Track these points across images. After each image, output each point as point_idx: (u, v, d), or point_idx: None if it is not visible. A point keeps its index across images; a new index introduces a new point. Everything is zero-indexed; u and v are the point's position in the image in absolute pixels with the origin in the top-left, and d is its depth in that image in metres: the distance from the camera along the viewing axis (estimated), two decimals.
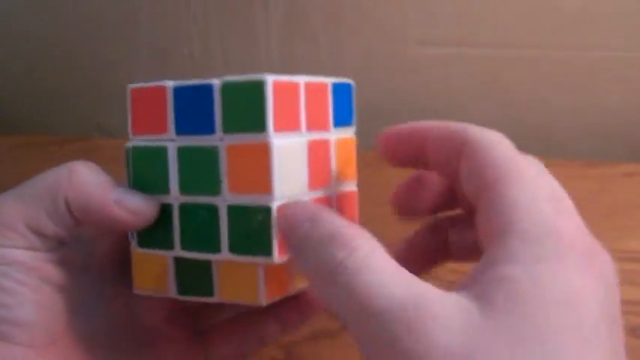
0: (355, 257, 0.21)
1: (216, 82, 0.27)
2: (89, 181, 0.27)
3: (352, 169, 0.30)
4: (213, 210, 0.27)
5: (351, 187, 0.30)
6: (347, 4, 0.69)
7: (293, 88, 0.27)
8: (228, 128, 0.26)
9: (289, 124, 0.26)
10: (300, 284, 0.29)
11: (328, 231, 0.23)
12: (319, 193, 0.28)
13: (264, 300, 0.27)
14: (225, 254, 0.26)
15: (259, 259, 0.26)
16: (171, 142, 0.27)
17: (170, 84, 0.28)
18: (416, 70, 0.69)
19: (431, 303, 0.20)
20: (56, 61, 0.78)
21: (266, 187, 0.25)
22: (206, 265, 0.27)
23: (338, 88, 0.29)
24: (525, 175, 0.23)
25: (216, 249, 0.27)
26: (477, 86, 0.68)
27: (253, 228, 0.26)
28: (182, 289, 0.28)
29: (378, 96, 0.69)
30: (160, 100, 0.28)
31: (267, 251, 0.25)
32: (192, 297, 0.28)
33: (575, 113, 0.67)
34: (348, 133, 0.30)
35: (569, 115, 0.67)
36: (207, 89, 0.27)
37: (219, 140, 0.26)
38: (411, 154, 0.27)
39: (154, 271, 0.29)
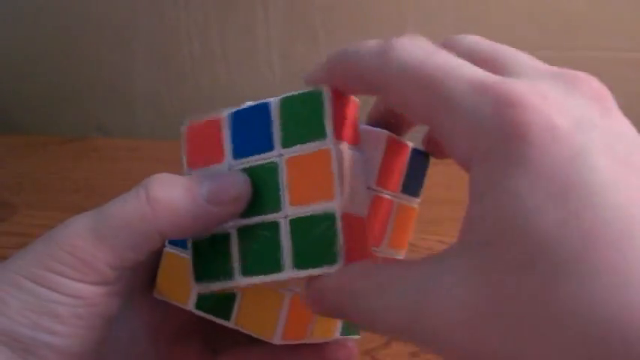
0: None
1: (273, 100, 0.26)
2: (174, 203, 0.25)
3: (405, 239, 0.29)
4: (273, 227, 0.26)
5: (399, 254, 0.29)
6: (347, 4, 0.69)
7: (351, 101, 0.26)
8: (287, 142, 0.25)
9: (349, 134, 0.26)
10: (318, 335, 0.29)
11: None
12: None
13: (279, 339, 0.27)
14: (288, 272, 0.25)
15: (324, 269, 0.25)
16: (228, 168, 0.27)
17: (224, 113, 0.27)
18: None
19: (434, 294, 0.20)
20: (56, 61, 0.78)
21: (329, 193, 0.25)
22: (232, 293, 0.27)
23: (416, 155, 0.28)
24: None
25: (278, 268, 0.25)
26: None
27: (316, 237, 0.25)
28: (200, 305, 0.28)
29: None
30: (215, 132, 0.27)
31: (333, 258, 0.24)
32: (207, 315, 0.28)
33: None
34: (413, 204, 0.29)
35: None
36: (264, 108, 0.26)
37: (278, 156, 0.26)
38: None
39: (179, 280, 0.28)
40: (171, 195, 0.25)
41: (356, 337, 0.30)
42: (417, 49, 0.22)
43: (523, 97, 0.19)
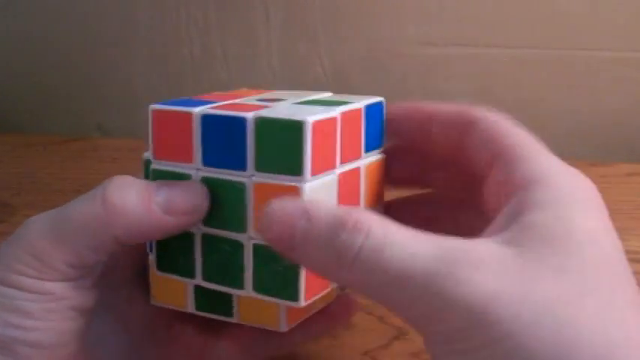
0: (374, 236, 0.21)
1: (249, 116, 0.25)
2: (128, 209, 0.25)
3: (380, 191, 0.29)
4: (237, 246, 0.25)
5: (377, 210, 0.29)
6: (347, 5, 0.69)
7: (331, 124, 0.25)
8: (261, 167, 0.25)
9: (325, 165, 0.25)
10: (320, 304, 0.29)
11: (333, 219, 0.22)
12: None
13: (285, 327, 0.27)
14: (248, 291, 0.25)
15: (285, 302, 0.25)
16: (196, 171, 0.26)
17: (196, 111, 0.26)
18: (416, 70, 0.69)
19: (467, 252, 0.21)
20: (56, 61, 0.78)
21: None
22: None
23: (370, 111, 0.28)
24: (534, 141, 0.26)
25: (239, 285, 0.26)
26: (477, 86, 0.68)
27: (280, 270, 0.24)
28: (200, 306, 0.28)
29: (377, 96, 0.69)
30: (186, 127, 0.26)
31: (295, 296, 0.24)
32: (211, 314, 0.28)
33: (575, 113, 0.67)
34: (377, 155, 0.29)
35: (568, 115, 0.67)
36: (240, 123, 0.25)
37: (249, 177, 0.25)
38: (415, 128, 0.28)
39: (173, 287, 0.28)
40: (126, 200, 0.25)
41: None
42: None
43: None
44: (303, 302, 0.24)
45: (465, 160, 0.27)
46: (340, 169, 0.26)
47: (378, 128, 0.29)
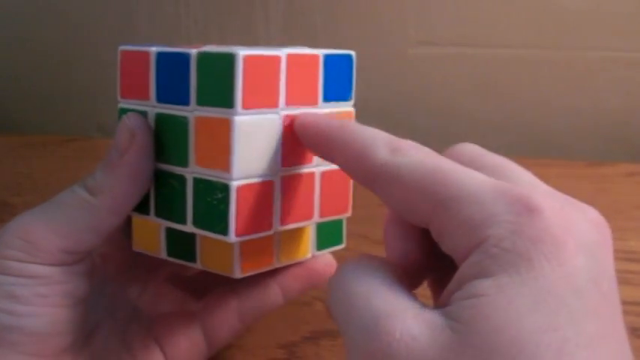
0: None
1: (193, 52, 0.26)
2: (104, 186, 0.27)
3: None
4: (182, 181, 0.26)
5: None
6: (347, 4, 0.69)
7: (272, 62, 0.26)
8: (202, 101, 0.26)
9: (264, 101, 0.25)
10: (286, 259, 0.29)
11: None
12: (298, 170, 0.27)
13: (238, 273, 0.27)
14: (190, 227, 0.26)
15: (217, 236, 0.26)
16: (152, 108, 0.27)
17: (153, 50, 0.27)
18: (416, 70, 0.69)
19: (400, 320, 0.20)
20: (56, 61, 0.78)
21: (226, 165, 0.25)
22: (191, 233, 0.27)
23: (332, 60, 0.28)
24: (477, 191, 0.21)
25: (183, 220, 0.27)
26: (477, 86, 0.68)
27: (213, 204, 0.25)
28: (170, 251, 0.29)
29: (377, 96, 0.69)
30: (145, 66, 0.27)
31: (224, 230, 0.25)
32: (179, 260, 0.29)
33: (575, 113, 0.67)
34: (345, 108, 0.29)
35: (569, 115, 0.67)
36: (185, 58, 0.26)
37: (191, 112, 0.26)
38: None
39: (149, 233, 0.29)
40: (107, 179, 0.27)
41: (340, 246, 0.31)
42: (426, 152, 0.23)
43: (541, 203, 0.20)
44: (232, 237, 0.25)
45: None
46: (286, 111, 0.26)
47: (345, 80, 0.29)
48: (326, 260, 0.31)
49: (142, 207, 0.28)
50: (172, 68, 0.26)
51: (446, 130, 0.68)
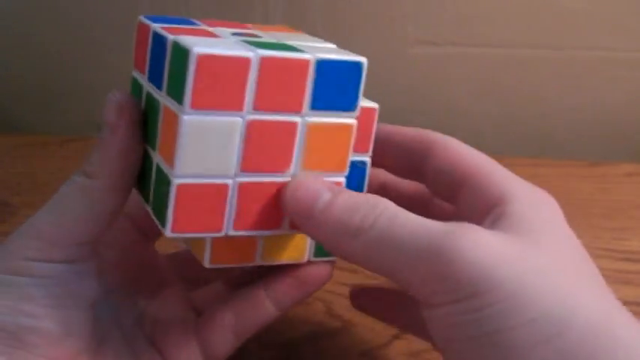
0: (388, 212, 0.24)
1: (170, 38, 0.25)
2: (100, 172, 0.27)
3: (341, 157, 0.27)
4: (151, 164, 0.27)
5: (338, 177, 0.27)
6: (347, 4, 0.69)
7: (237, 63, 0.24)
8: (168, 90, 0.25)
9: (223, 103, 0.24)
10: (272, 258, 0.28)
11: (351, 198, 0.25)
12: (265, 177, 0.26)
13: (208, 263, 0.28)
14: (149, 209, 0.27)
15: (162, 228, 0.26)
16: (145, 85, 0.28)
17: (152, 27, 0.28)
18: (416, 70, 0.69)
19: (472, 226, 0.24)
20: (56, 61, 0.78)
21: (171, 161, 0.24)
22: None
23: (330, 66, 0.25)
24: (494, 162, 0.28)
25: (147, 200, 0.27)
26: (477, 86, 0.68)
27: (163, 194, 0.25)
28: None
29: (377, 96, 0.69)
30: (146, 41, 0.28)
31: (163, 223, 0.25)
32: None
33: (575, 113, 0.67)
34: (342, 119, 0.27)
35: (569, 115, 0.67)
36: (164, 43, 0.26)
37: (160, 97, 0.26)
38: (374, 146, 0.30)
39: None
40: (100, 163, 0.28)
41: (333, 258, 0.30)
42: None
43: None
44: (169, 232, 0.25)
45: (423, 182, 0.30)
46: (254, 115, 0.25)
47: (348, 89, 0.26)
48: (320, 270, 0.30)
49: (140, 183, 0.28)
50: (159, 50, 0.26)
51: (445, 130, 0.68)
